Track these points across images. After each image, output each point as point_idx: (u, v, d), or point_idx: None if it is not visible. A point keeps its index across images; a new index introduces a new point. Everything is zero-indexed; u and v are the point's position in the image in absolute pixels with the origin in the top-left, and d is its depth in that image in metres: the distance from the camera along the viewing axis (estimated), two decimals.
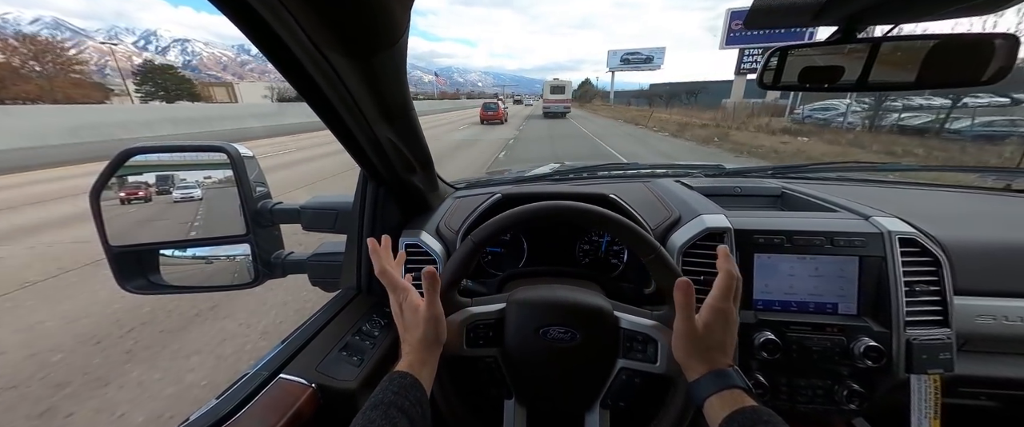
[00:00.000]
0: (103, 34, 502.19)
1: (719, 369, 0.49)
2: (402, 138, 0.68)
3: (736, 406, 0.45)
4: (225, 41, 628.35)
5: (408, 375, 0.50)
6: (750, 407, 0.45)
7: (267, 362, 0.60)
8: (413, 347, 0.56)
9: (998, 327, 0.72)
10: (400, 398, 0.46)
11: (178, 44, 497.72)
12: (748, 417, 0.43)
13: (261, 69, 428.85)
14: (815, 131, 15.07)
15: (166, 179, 0.80)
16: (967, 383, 0.75)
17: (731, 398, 0.47)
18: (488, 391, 0.64)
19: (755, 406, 0.45)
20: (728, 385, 0.48)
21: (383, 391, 0.47)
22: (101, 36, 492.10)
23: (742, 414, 0.44)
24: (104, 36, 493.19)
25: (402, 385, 0.48)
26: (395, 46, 0.44)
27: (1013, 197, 1.08)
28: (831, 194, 0.95)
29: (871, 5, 0.55)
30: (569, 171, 1.41)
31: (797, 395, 0.74)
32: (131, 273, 0.76)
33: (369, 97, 0.52)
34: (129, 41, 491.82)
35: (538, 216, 0.60)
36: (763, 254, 0.75)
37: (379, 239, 0.84)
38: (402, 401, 0.46)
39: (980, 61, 0.62)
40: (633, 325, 0.60)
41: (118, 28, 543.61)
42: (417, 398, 0.47)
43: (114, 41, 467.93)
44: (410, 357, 0.54)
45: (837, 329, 0.71)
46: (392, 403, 0.45)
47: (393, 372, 0.51)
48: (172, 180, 0.80)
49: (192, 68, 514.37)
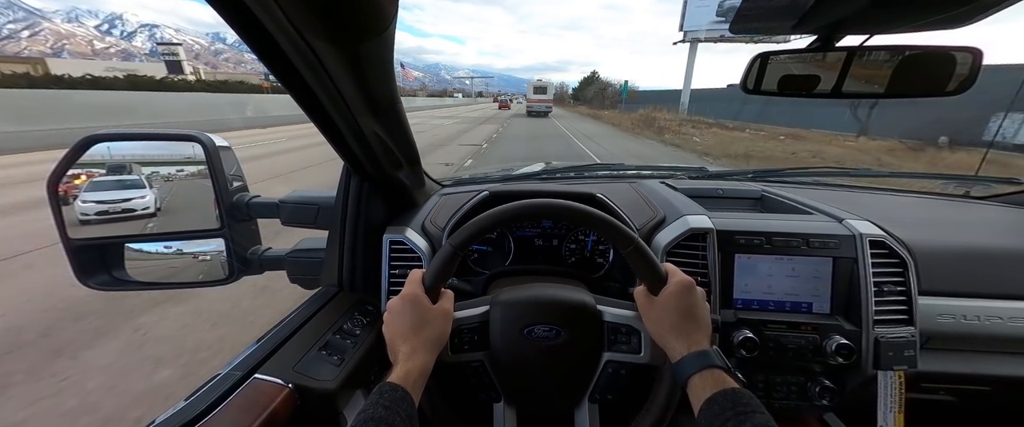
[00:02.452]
0: (61, 16, 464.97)
1: (700, 350, 0.51)
2: (388, 132, 0.66)
3: (718, 387, 0.46)
4: (198, 28, 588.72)
5: (399, 388, 0.47)
6: (731, 389, 0.46)
7: (241, 362, 0.58)
8: (416, 349, 0.53)
9: (957, 326, 0.76)
10: (391, 414, 0.44)
11: (146, 29, 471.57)
12: (729, 398, 0.44)
13: (237, 58, 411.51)
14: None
15: (122, 169, 0.73)
16: (929, 379, 0.79)
17: (713, 378, 0.48)
18: (476, 396, 0.64)
19: (735, 388, 0.46)
20: (708, 364, 0.49)
21: (374, 406, 0.44)
22: (59, 17, 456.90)
23: (723, 395, 0.45)
24: (62, 17, 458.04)
25: (393, 399, 0.46)
26: (382, 35, 0.42)
27: (972, 203, 1.15)
28: (808, 197, 0.98)
29: (850, 15, 0.58)
30: (557, 170, 1.42)
31: (773, 391, 0.76)
32: (93, 268, 0.72)
33: (354, 88, 0.51)
34: (91, 24, 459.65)
35: (518, 215, 0.60)
36: (743, 255, 0.77)
37: (362, 236, 0.83)
38: (393, 417, 0.43)
39: (945, 73, 0.66)
40: (616, 317, 0.60)
41: (79, 10, 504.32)
42: (408, 413, 0.46)
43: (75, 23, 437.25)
44: (408, 365, 0.51)
45: (811, 328, 0.74)
46: (383, 419, 0.43)
47: (384, 383, 0.48)
48: (126, 170, 0.73)
49: (159, 55, 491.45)
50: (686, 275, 0.57)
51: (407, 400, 0.47)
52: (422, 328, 0.55)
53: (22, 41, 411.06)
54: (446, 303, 0.59)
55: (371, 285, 0.83)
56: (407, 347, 0.53)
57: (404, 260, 0.82)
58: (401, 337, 0.54)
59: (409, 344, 0.53)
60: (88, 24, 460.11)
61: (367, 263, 0.84)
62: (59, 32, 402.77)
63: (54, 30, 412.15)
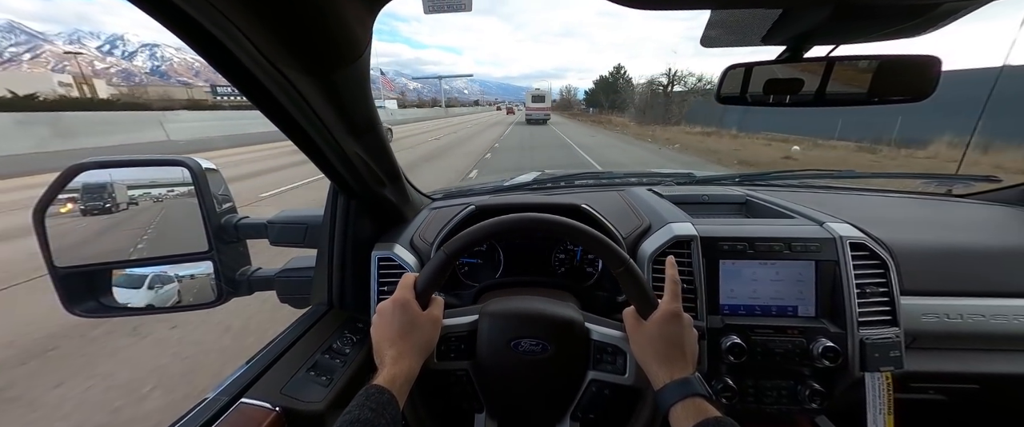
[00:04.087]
0: (64, 38, 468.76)
1: (683, 378, 0.51)
2: (369, 152, 0.67)
3: (701, 416, 0.46)
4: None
5: (385, 391, 0.47)
6: (714, 418, 0.46)
7: (227, 386, 0.57)
8: (403, 353, 0.53)
9: (941, 325, 0.77)
10: (377, 417, 0.43)
11: (146, 49, 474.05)
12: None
13: None
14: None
15: (109, 196, 0.74)
16: (917, 379, 0.79)
17: (694, 407, 0.48)
18: (458, 405, 0.64)
19: (718, 416, 0.46)
20: (691, 393, 0.49)
21: (360, 407, 0.44)
22: (61, 40, 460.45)
23: (706, 425, 0.45)
24: (65, 40, 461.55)
25: (380, 402, 0.45)
26: (357, 61, 0.44)
27: (953, 202, 1.17)
28: (791, 201, 1.00)
29: (814, 27, 0.60)
30: (548, 180, 1.43)
31: (763, 396, 0.76)
32: (80, 296, 0.72)
33: (333, 113, 0.52)
34: (93, 45, 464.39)
35: (513, 228, 0.61)
36: (728, 261, 0.78)
37: (351, 253, 0.83)
38: (379, 419, 0.43)
39: (916, 79, 0.68)
40: (603, 337, 0.61)
41: (81, 32, 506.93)
42: (393, 417, 0.45)
43: (78, 46, 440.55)
44: (394, 369, 0.51)
45: (797, 331, 0.74)
46: (368, 422, 0.42)
47: (370, 386, 0.48)
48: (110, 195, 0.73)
49: (160, 73, 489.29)
50: (676, 305, 0.57)
51: (393, 404, 0.47)
52: (410, 333, 0.55)
53: (23, 64, 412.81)
54: (436, 310, 0.59)
55: (360, 302, 0.84)
56: (394, 351, 0.53)
57: (393, 276, 0.82)
58: (389, 341, 0.54)
59: (396, 348, 0.53)
60: (90, 45, 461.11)
61: (356, 280, 0.84)
62: (60, 54, 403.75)
63: (55, 52, 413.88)
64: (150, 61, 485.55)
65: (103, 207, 0.74)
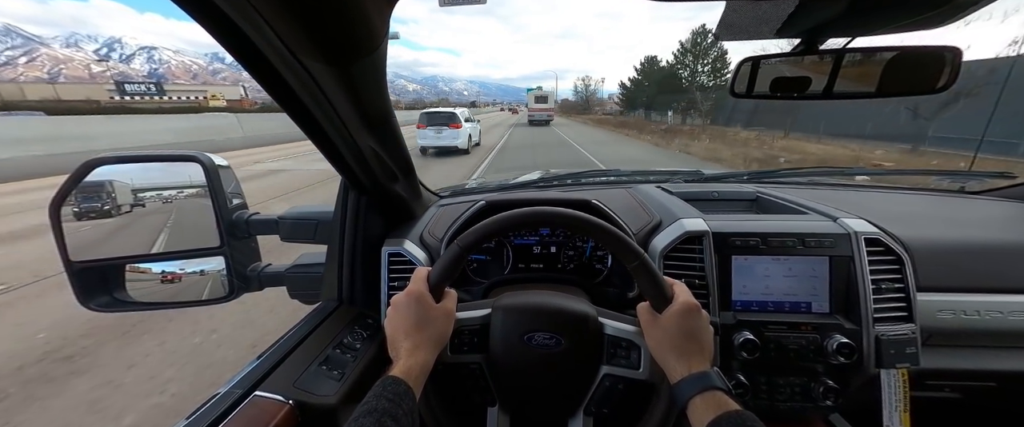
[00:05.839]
0: (61, 41, 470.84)
1: (701, 371, 0.50)
2: (383, 146, 0.67)
3: (721, 410, 0.46)
4: (197, 49, 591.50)
5: (402, 382, 0.47)
6: (735, 411, 0.45)
7: (241, 379, 0.58)
8: (418, 346, 0.53)
9: (958, 321, 0.76)
10: (394, 407, 0.43)
11: (144, 52, 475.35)
12: (734, 421, 0.44)
13: (235, 77, 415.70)
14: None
15: (109, 196, 0.72)
16: (933, 376, 0.78)
17: (714, 400, 0.47)
18: (471, 398, 0.63)
19: (739, 410, 0.46)
20: (709, 386, 0.48)
21: (377, 398, 0.44)
22: (58, 43, 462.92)
23: (727, 418, 0.44)
24: (62, 43, 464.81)
25: (396, 393, 0.45)
26: (374, 53, 0.44)
27: (967, 198, 1.16)
28: (803, 197, 0.99)
29: (829, 20, 0.59)
30: (553, 178, 1.43)
31: (776, 393, 0.76)
32: (94, 290, 0.72)
33: (349, 105, 0.52)
34: (90, 49, 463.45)
35: (525, 222, 0.60)
36: (740, 256, 0.78)
37: (361, 249, 0.83)
38: (396, 410, 0.43)
39: (932, 72, 0.67)
40: (617, 331, 0.60)
41: (78, 35, 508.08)
42: (409, 408, 0.45)
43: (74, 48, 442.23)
44: (410, 361, 0.50)
45: (811, 327, 0.73)
46: (386, 411, 0.42)
47: (387, 376, 0.48)
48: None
49: (158, 77, 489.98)
50: (692, 298, 0.56)
51: (409, 395, 0.46)
52: (425, 325, 0.54)
53: (19, 67, 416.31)
54: (449, 303, 0.59)
55: (371, 298, 0.84)
56: (409, 343, 0.53)
57: (403, 272, 0.82)
58: (404, 333, 0.54)
59: (411, 340, 0.53)
60: (87, 49, 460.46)
61: (366, 276, 0.84)
62: (57, 57, 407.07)
63: (52, 56, 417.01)
64: (148, 64, 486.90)
65: (101, 209, 0.73)
